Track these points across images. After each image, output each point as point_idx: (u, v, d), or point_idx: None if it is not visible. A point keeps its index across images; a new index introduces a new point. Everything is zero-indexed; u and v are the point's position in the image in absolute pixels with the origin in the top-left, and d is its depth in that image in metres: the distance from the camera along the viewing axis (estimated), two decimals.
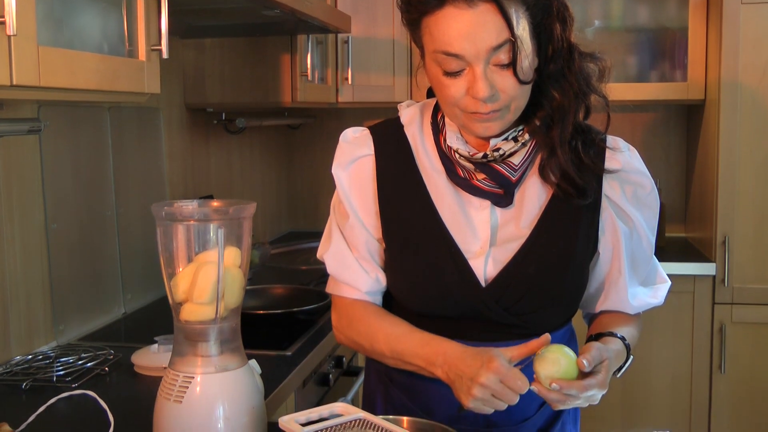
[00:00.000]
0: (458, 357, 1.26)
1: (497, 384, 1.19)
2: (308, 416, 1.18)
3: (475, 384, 1.20)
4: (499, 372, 1.19)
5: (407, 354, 1.34)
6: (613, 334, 1.34)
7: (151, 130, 2.50)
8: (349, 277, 1.42)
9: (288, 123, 3.63)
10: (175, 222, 1.24)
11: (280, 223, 3.78)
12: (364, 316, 1.41)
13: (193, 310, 1.25)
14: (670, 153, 3.61)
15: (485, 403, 1.21)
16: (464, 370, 1.23)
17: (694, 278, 3.03)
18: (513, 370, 1.20)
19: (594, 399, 1.23)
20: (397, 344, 1.36)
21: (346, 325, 1.44)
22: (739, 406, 3.05)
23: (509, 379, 1.19)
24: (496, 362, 1.20)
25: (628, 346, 1.35)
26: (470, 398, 1.21)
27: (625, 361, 1.34)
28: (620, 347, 1.33)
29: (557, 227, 1.35)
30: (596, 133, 1.37)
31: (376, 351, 1.40)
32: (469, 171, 1.36)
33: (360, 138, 1.43)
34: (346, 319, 1.44)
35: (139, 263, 2.38)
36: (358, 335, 1.42)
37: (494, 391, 1.19)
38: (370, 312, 1.42)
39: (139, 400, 1.58)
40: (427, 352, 1.31)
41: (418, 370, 1.34)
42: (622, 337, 1.34)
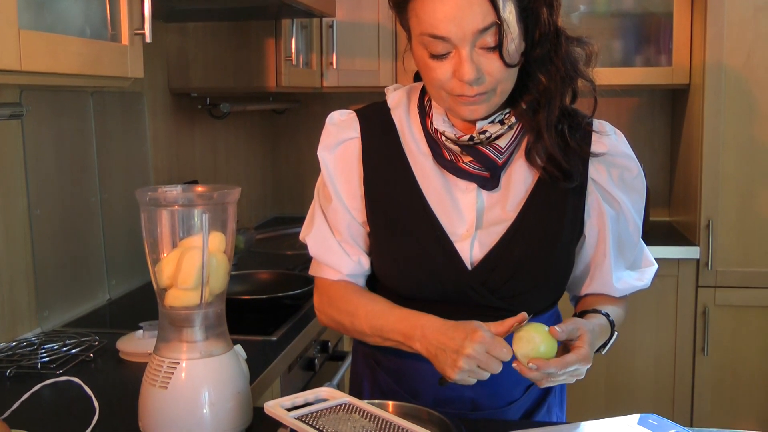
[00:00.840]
0: (438, 330, 1.26)
1: (483, 354, 1.19)
2: (294, 401, 1.18)
3: (461, 356, 1.20)
4: (485, 341, 1.20)
5: (386, 330, 1.34)
6: (596, 311, 1.35)
7: (134, 115, 2.48)
8: (330, 260, 1.42)
9: (273, 108, 3.61)
10: (160, 207, 1.23)
11: (265, 208, 3.77)
12: (345, 294, 1.41)
13: (178, 295, 1.25)
14: (655, 137, 3.62)
15: (470, 374, 1.21)
16: (447, 342, 1.23)
17: (678, 262, 3.05)
18: (497, 338, 1.21)
19: (579, 374, 1.23)
20: (376, 320, 1.35)
21: (326, 305, 1.44)
22: (721, 388, 3.08)
23: (494, 348, 1.20)
24: (480, 332, 1.21)
25: (612, 323, 1.35)
26: (456, 370, 1.21)
27: (610, 338, 1.34)
28: (604, 322, 1.33)
29: (543, 210, 1.36)
30: (582, 116, 1.37)
31: (356, 329, 1.40)
32: (456, 154, 1.36)
33: (346, 121, 1.42)
34: (327, 299, 1.44)
35: (124, 249, 2.37)
36: (338, 313, 1.42)
37: (480, 362, 1.20)
38: (350, 290, 1.42)
39: (125, 386, 1.58)
40: (405, 326, 1.31)
41: (398, 345, 1.34)
42: (606, 314, 1.35)
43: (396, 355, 1.43)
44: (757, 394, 3.06)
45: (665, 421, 1.32)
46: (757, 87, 2.94)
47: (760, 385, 3.05)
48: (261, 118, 3.70)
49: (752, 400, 3.07)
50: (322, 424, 1.10)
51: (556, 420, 1.50)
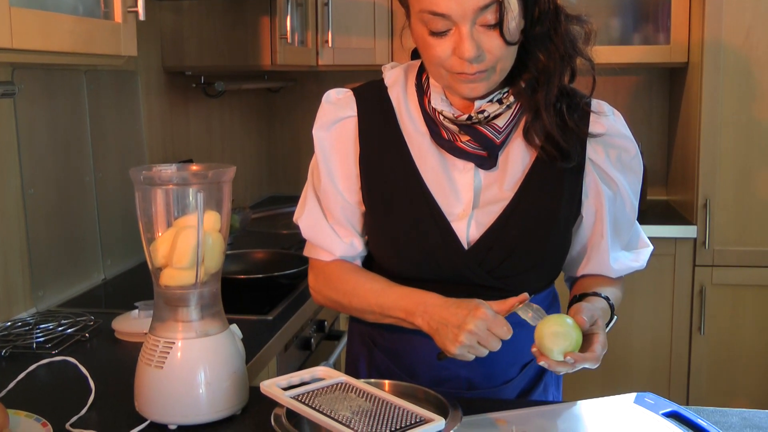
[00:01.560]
0: (440, 305, 1.28)
1: (484, 331, 1.22)
2: (290, 380, 1.19)
3: (463, 331, 1.22)
4: (487, 318, 1.22)
5: (387, 307, 1.35)
6: (597, 294, 1.36)
7: (128, 93, 2.47)
8: (323, 242, 1.43)
9: (268, 86, 3.60)
10: (154, 186, 1.23)
11: (260, 187, 3.76)
12: (342, 273, 1.42)
13: (173, 275, 1.25)
14: (653, 116, 3.62)
15: (470, 350, 1.23)
16: (449, 318, 1.25)
17: (675, 241, 3.05)
18: (498, 317, 1.23)
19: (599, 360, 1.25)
20: (376, 298, 1.36)
21: (323, 285, 1.44)
22: (718, 368, 3.10)
23: (496, 326, 1.22)
24: (482, 309, 1.23)
25: (612, 306, 1.36)
26: (457, 345, 1.23)
27: (609, 320, 1.35)
28: (605, 306, 1.34)
29: (540, 190, 1.36)
30: (581, 96, 1.37)
31: (354, 307, 1.40)
32: (454, 133, 1.36)
33: (343, 99, 1.42)
34: (323, 279, 1.44)
35: (119, 228, 2.36)
36: (335, 293, 1.42)
37: (480, 338, 1.22)
38: (347, 269, 1.42)
39: (120, 366, 1.58)
40: (407, 303, 1.32)
41: (399, 322, 1.35)
42: (606, 297, 1.36)
43: (392, 334, 1.44)
44: (753, 373, 3.08)
45: (661, 400, 1.33)
46: (756, 65, 2.93)
47: (757, 364, 3.07)
48: (256, 96, 3.69)
49: (748, 379, 3.08)
50: (318, 403, 1.11)
51: (553, 399, 1.51)
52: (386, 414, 1.08)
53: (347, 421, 1.06)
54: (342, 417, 1.07)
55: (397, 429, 1.04)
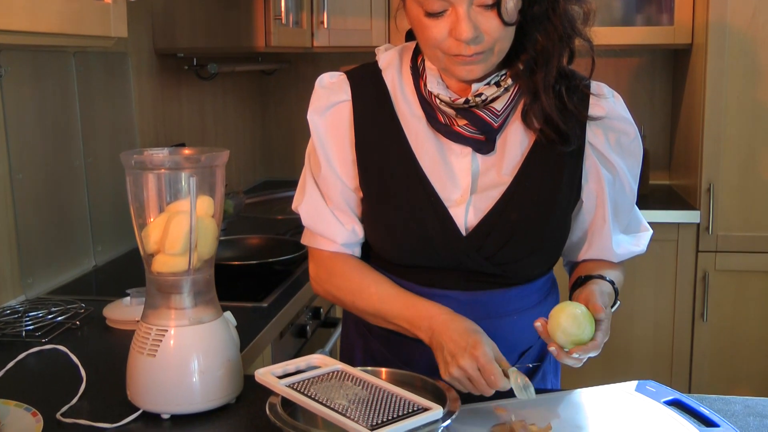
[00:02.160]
0: (445, 325, 1.28)
1: (475, 371, 1.21)
2: (285, 368, 1.19)
3: (454, 364, 1.22)
4: (480, 362, 1.21)
5: (391, 315, 1.36)
6: (602, 277, 1.36)
7: (119, 76, 2.47)
8: (324, 230, 1.42)
9: (262, 68, 3.59)
10: (146, 171, 1.23)
11: (254, 171, 3.76)
12: (346, 270, 1.42)
13: (166, 261, 1.25)
14: (655, 99, 3.61)
15: (460, 383, 1.23)
16: (448, 343, 1.25)
17: (678, 226, 3.06)
18: (492, 364, 1.21)
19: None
20: (381, 304, 1.37)
21: (325, 279, 1.44)
22: (720, 355, 3.11)
23: (486, 372, 1.21)
24: (480, 350, 1.22)
25: (617, 290, 1.37)
26: (447, 374, 1.23)
27: (613, 305, 1.36)
28: (610, 290, 1.35)
29: (540, 174, 1.35)
30: (580, 78, 1.36)
31: (357, 308, 1.41)
32: (450, 117, 1.35)
33: (336, 83, 1.42)
34: (326, 272, 1.44)
35: (109, 214, 2.36)
36: (338, 290, 1.42)
37: (471, 377, 1.22)
38: (351, 266, 1.42)
39: (112, 354, 1.58)
40: (413, 314, 1.33)
41: (400, 330, 1.36)
42: (611, 281, 1.36)
43: None
44: (756, 360, 3.09)
45: (663, 388, 1.33)
46: (762, 47, 2.93)
47: (760, 351, 3.08)
48: (250, 79, 3.68)
49: (752, 366, 3.10)
50: (314, 391, 1.11)
51: (551, 387, 1.52)
52: (383, 402, 1.09)
53: (343, 410, 1.06)
54: (338, 406, 1.07)
55: (394, 417, 1.05)
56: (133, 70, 2.55)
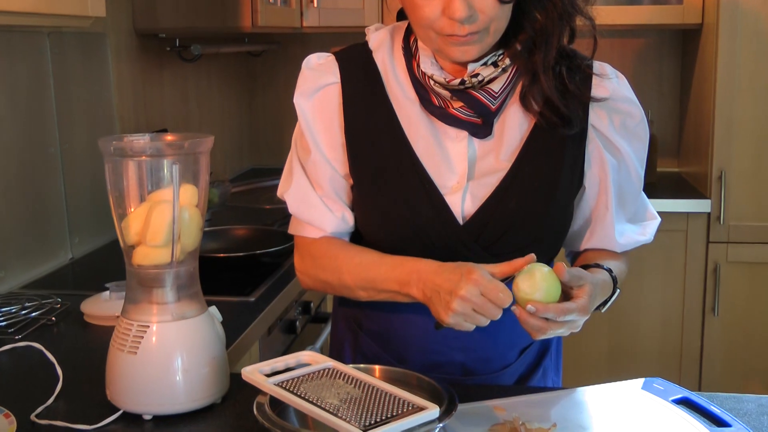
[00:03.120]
0: (434, 271, 1.27)
1: (478, 297, 1.20)
2: (273, 366, 1.19)
3: (455, 297, 1.21)
4: (480, 283, 1.20)
5: (379, 280, 1.35)
6: (599, 266, 1.36)
7: (96, 58, 2.46)
8: (312, 217, 1.42)
9: (248, 50, 3.58)
10: (126, 158, 1.23)
11: (241, 158, 3.76)
12: (329, 250, 1.42)
13: (147, 253, 1.25)
14: (663, 82, 3.62)
15: (466, 318, 1.22)
16: (441, 283, 1.24)
17: (688, 215, 3.07)
18: (494, 281, 1.21)
19: (575, 326, 1.24)
20: (367, 272, 1.36)
21: (310, 265, 1.44)
22: (732, 351, 3.12)
23: (491, 291, 1.20)
24: (476, 274, 1.21)
25: (615, 279, 1.36)
26: (450, 313, 1.22)
27: (611, 295, 1.36)
28: (606, 278, 1.34)
29: (540, 159, 1.36)
30: (582, 58, 1.36)
31: (345, 284, 1.40)
32: (445, 99, 1.35)
33: (325, 64, 1.41)
34: (310, 258, 1.44)
35: (87, 204, 2.36)
36: (323, 272, 1.42)
37: (475, 305, 1.20)
38: (334, 246, 1.42)
39: (90, 351, 1.58)
40: (400, 272, 1.32)
41: (393, 296, 1.35)
42: (608, 269, 1.36)
43: (380, 316, 1.44)
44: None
45: (671, 386, 1.34)
46: None
47: None
48: (236, 61, 3.67)
49: (765, 363, 3.11)
50: (304, 390, 1.11)
51: (552, 385, 1.52)
52: (377, 401, 1.09)
53: (335, 410, 1.06)
54: (329, 405, 1.07)
55: (388, 417, 1.05)
56: (112, 52, 2.54)
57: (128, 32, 2.67)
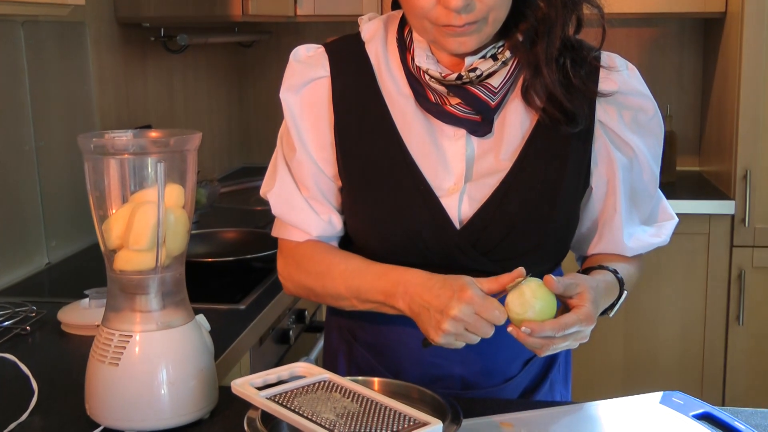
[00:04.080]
0: (422, 285, 1.27)
1: (471, 316, 1.20)
2: (265, 379, 1.20)
3: (446, 317, 1.21)
4: (474, 302, 1.20)
5: (364, 289, 1.35)
6: (602, 267, 1.36)
7: (75, 49, 2.46)
8: (296, 219, 1.42)
9: (238, 40, 3.59)
10: (107, 156, 1.23)
11: (230, 156, 3.76)
12: (313, 254, 1.42)
13: (130, 258, 1.25)
14: (683, 74, 3.62)
15: (457, 338, 1.22)
16: (431, 300, 1.24)
17: (710, 218, 3.07)
18: (488, 299, 1.21)
19: (582, 336, 1.24)
20: (352, 280, 1.36)
21: (293, 270, 1.44)
22: (759, 362, 3.12)
23: (485, 310, 1.20)
24: (469, 292, 1.21)
25: (621, 280, 1.36)
26: (441, 333, 1.22)
27: (618, 298, 1.36)
28: (610, 279, 1.34)
29: (543, 158, 1.36)
30: (588, 49, 1.36)
31: (329, 292, 1.40)
32: (442, 95, 1.36)
33: (314, 57, 1.42)
34: (293, 263, 1.44)
35: (65, 205, 2.36)
36: (307, 277, 1.42)
37: (468, 325, 1.21)
38: (319, 249, 1.42)
39: (68, 363, 1.59)
40: (386, 282, 1.32)
41: (378, 308, 1.35)
42: (613, 270, 1.36)
43: (375, 327, 1.45)
44: None
45: (692, 400, 1.34)
46: None
47: None
48: (225, 52, 3.68)
49: None
50: (298, 404, 1.12)
51: (560, 399, 1.52)
52: (376, 416, 1.09)
53: (331, 425, 1.07)
54: (325, 420, 1.08)
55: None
56: (92, 42, 2.55)
57: (109, 21, 2.68)
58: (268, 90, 3.82)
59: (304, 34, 3.66)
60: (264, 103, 3.84)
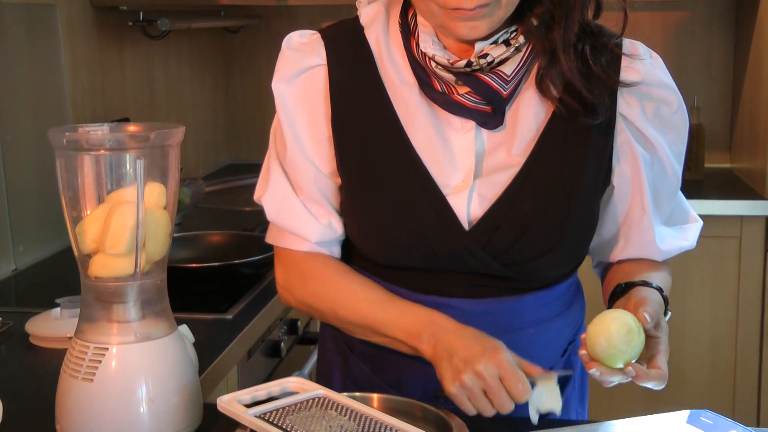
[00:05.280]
0: (454, 332, 1.29)
1: (495, 380, 1.22)
2: (254, 395, 1.20)
3: (469, 370, 1.23)
4: (502, 366, 1.22)
5: (383, 323, 1.36)
6: (646, 284, 1.36)
7: (45, 34, 2.47)
8: (294, 225, 1.43)
9: (225, 25, 3.59)
10: (81, 152, 1.23)
11: (216, 152, 3.76)
12: (324, 274, 1.43)
13: (106, 263, 1.26)
14: (713, 63, 3.62)
15: (471, 397, 1.24)
16: (458, 348, 1.26)
17: (742, 219, 3.07)
18: (518, 370, 1.23)
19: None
20: (370, 311, 1.38)
21: (297, 285, 1.45)
22: None
23: (511, 379, 1.22)
24: (501, 355, 1.23)
25: (666, 299, 1.37)
26: (457, 383, 1.23)
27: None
28: (659, 300, 1.34)
29: (559, 153, 1.36)
30: (609, 35, 1.37)
31: (340, 318, 1.42)
32: (449, 84, 1.36)
33: (308, 44, 1.42)
34: (298, 277, 1.45)
35: (34, 206, 2.36)
36: (315, 298, 1.43)
37: (488, 387, 1.22)
38: (330, 269, 1.43)
39: (37, 379, 1.59)
40: (411, 321, 1.33)
41: (392, 344, 1.36)
42: (659, 288, 1.36)
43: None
44: None
45: (722, 420, 1.34)
46: None
47: None
48: (210, 38, 3.68)
49: None
50: (290, 423, 1.12)
51: (576, 417, 1.53)
52: None
53: None
54: None
55: None
56: (64, 27, 2.55)
57: (82, 4, 2.68)
58: (258, 79, 3.82)
59: (297, 19, 3.66)
60: (253, 93, 3.84)
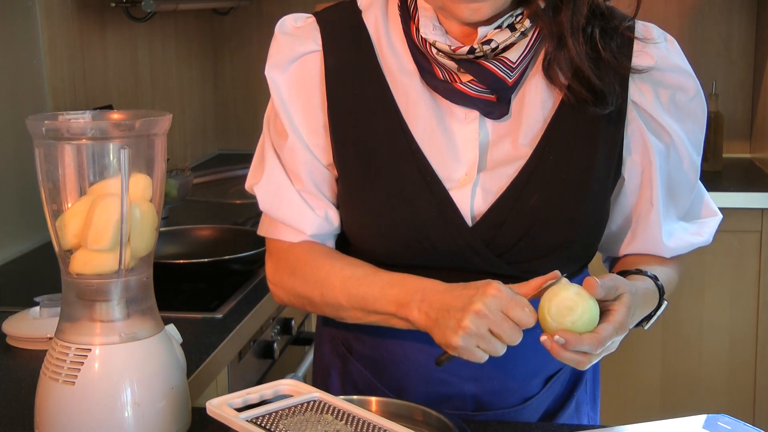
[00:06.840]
0: (444, 290, 1.28)
1: (496, 313, 1.20)
2: (246, 398, 1.20)
3: (468, 313, 1.21)
4: (500, 296, 1.21)
5: (371, 298, 1.35)
6: (640, 272, 1.37)
7: (20, 16, 2.46)
8: (288, 216, 1.43)
9: (214, 6, 3.59)
10: (61, 141, 1.24)
11: (204, 142, 3.76)
12: (311, 259, 1.43)
13: (88, 259, 1.26)
14: (732, 46, 3.62)
15: (479, 341, 1.21)
16: (451, 301, 1.25)
17: (762, 212, 3.07)
18: (518, 296, 1.22)
19: (611, 348, 1.25)
20: (357, 288, 1.37)
21: (286, 276, 1.45)
22: None
23: (513, 307, 1.21)
24: (494, 285, 1.22)
25: (661, 288, 1.37)
26: (460, 333, 1.21)
27: (657, 308, 1.37)
28: (650, 287, 1.35)
29: (569, 144, 1.37)
30: (621, 18, 1.37)
31: (329, 302, 1.41)
32: (451, 71, 1.36)
33: (303, 28, 1.43)
34: (287, 267, 1.45)
35: (11, 198, 2.37)
36: (303, 285, 1.43)
37: (492, 323, 1.21)
38: (317, 253, 1.43)
39: (15, 382, 1.59)
40: (400, 291, 1.32)
41: (386, 320, 1.36)
42: (653, 276, 1.37)
43: (374, 339, 1.46)
44: None
45: (741, 425, 1.34)
46: None
47: None
48: (198, 20, 3.68)
49: None
50: (284, 427, 1.13)
51: (588, 422, 1.53)
52: None
53: None
54: None
55: None
56: (41, 9, 2.55)
57: None
58: (248, 64, 3.82)
59: (289, 1, 3.66)
60: (243, 79, 3.84)
